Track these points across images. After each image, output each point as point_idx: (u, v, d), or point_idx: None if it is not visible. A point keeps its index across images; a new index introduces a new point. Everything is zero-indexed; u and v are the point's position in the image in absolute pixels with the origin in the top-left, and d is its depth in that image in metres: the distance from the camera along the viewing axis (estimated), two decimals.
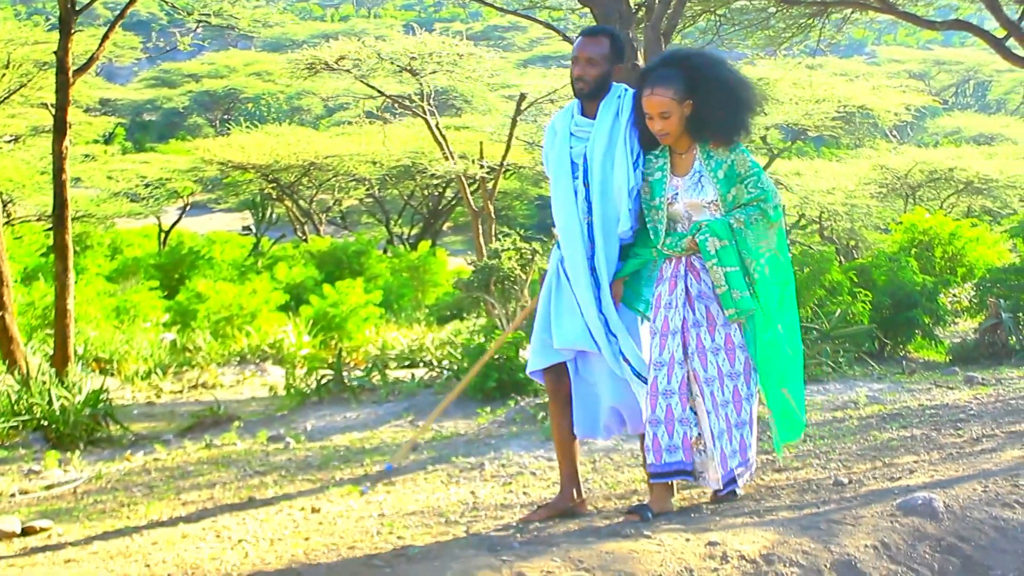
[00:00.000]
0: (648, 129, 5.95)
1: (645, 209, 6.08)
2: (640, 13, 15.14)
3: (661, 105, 5.82)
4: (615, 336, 5.97)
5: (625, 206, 6.03)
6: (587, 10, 13.11)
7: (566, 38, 18.91)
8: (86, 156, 41.34)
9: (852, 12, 18.38)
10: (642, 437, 5.96)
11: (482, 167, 29.39)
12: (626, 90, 6.20)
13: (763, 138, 31.90)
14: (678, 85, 5.83)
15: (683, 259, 5.97)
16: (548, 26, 20.28)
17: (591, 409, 6.14)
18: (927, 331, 13.07)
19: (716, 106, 5.85)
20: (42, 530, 6.74)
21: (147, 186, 41.21)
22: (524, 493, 6.84)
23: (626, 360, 5.95)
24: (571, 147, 6.20)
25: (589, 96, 6.18)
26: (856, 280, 13.10)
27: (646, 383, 5.88)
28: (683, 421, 5.78)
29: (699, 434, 5.81)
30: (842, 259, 24.80)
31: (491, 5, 19.62)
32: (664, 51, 6.53)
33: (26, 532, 6.70)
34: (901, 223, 20.75)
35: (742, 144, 5.99)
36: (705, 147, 5.96)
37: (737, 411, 5.86)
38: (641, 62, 9.07)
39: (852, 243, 34.12)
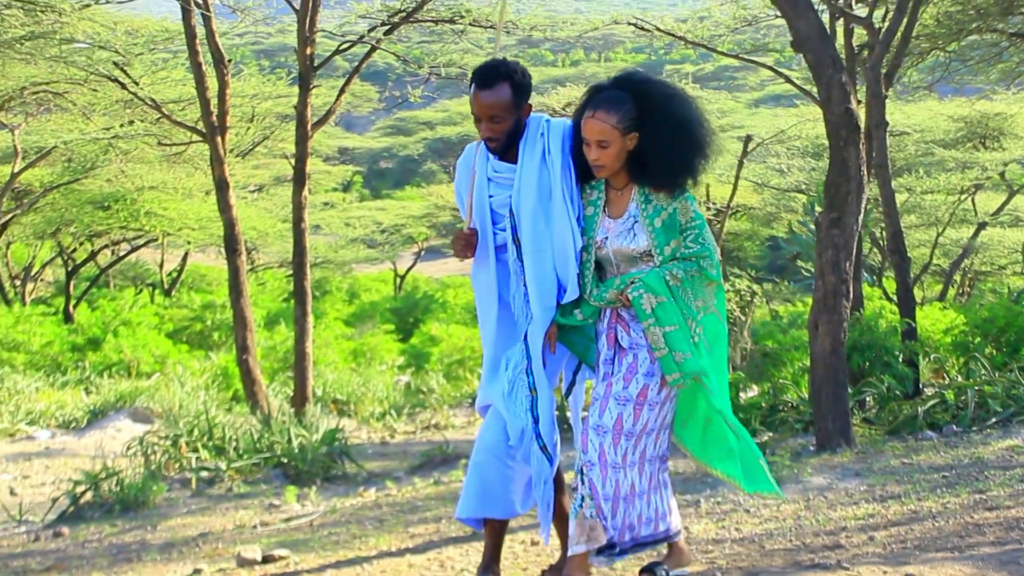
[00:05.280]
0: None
1: None
2: (864, 54, 15.11)
3: (600, 132, 5.07)
4: (536, 416, 5.31)
5: (572, 271, 5.25)
6: None
7: (789, 81, 18.94)
8: (325, 204, 42.78)
9: None
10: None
11: (709, 208, 29.44)
12: (547, 121, 5.40)
13: (1001, 174, 31.07)
14: (624, 113, 5.08)
15: (610, 310, 5.30)
16: (772, 69, 20.31)
17: (491, 486, 5.45)
18: None
19: (663, 147, 5.09)
20: (280, 558, 7.16)
21: (383, 232, 42.41)
22: (736, 529, 6.96)
23: (537, 436, 5.32)
24: (490, 195, 5.43)
25: (506, 149, 5.38)
26: None
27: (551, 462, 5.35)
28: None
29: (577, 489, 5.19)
30: None
31: (713, 49, 19.74)
32: (620, 72, 5.37)
33: (266, 560, 7.14)
34: None
35: (688, 191, 5.25)
36: (644, 189, 5.23)
37: (636, 476, 5.16)
38: (855, 106, 9.11)
39: None
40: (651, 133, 5.09)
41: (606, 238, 5.24)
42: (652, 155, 5.09)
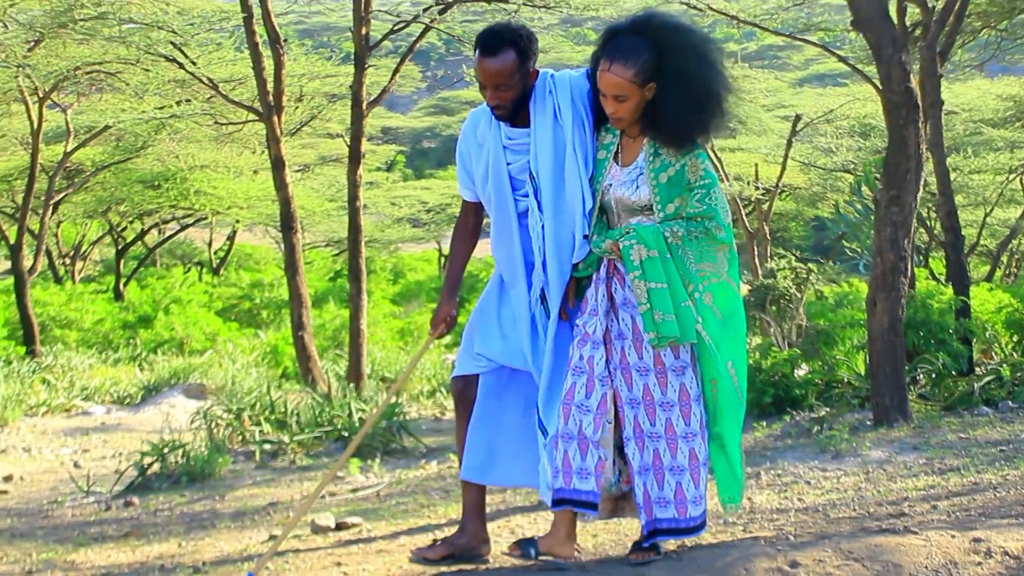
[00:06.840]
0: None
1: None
2: (916, 32, 15.13)
3: (616, 87, 4.85)
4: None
5: (580, 230, 5.11)
6: None
7: (840, 59, 18.94)
8: (369, 183, 42.95)
9: None
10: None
11: (757, 188, 29.46)
12: (552, 77, 5.21)
13: None
14: (642, 64, 4.84)
15: (607, 261, 5.10)
16: (822, 47, 20.26)
17: (487, 448, 5.35)
18: None
19: (674, 104, 4.88)
20: (353, 526, 7.34)
21: (428, 211, 42.51)
22: (799, 499, 7.08)
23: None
24: (508, 163, 5.27)
25: (515, 115, 5.22)
26: None
27: (545, 435, 5.11)
28: (596, 444, 4.98)
29: (619, 469, 5.10)
30: None
31: (764, 28, 19.72)
32: (639, 13, 5.07)
33: (339, 527, 7.32)
34: None
35: (701, 148, 5.06)
36: (654, 142, 5.03)
37: (672, 452, 4.95)
38: (915, 85, 9.18)
39: None
40: (664, 88, 4.88)
41: (610, 185, 5.08)
42: (662, 110, 4.90)
